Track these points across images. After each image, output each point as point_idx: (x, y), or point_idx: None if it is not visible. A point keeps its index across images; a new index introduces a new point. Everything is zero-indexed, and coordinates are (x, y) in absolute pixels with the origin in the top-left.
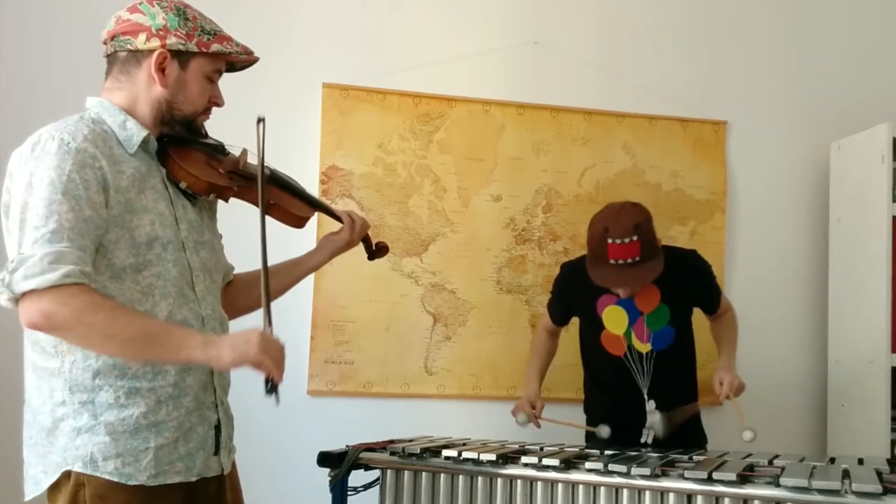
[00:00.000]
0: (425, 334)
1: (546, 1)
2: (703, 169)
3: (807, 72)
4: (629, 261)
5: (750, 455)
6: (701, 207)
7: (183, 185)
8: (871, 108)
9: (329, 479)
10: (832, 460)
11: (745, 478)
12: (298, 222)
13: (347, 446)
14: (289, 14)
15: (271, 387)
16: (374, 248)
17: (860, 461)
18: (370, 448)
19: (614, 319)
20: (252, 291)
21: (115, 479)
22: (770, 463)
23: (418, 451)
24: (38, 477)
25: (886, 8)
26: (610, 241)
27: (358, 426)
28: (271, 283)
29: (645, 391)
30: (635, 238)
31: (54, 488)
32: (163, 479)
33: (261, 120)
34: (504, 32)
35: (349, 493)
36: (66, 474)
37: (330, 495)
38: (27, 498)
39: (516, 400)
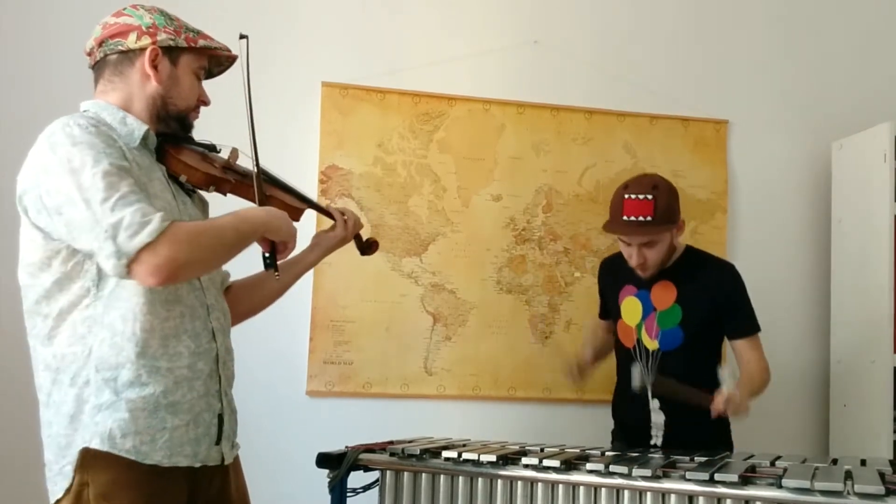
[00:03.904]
0: (425, 334)
1: (546, 1)
2: (704, 168)
3: (808, 71)
4: (640, 219)
5: (752, 456)
6: (702, 207)
7: (183, 178)
8: (872, 107)
9: (328, 480)
10: (834, 461)
11: (746, 479)
12: (295, 214)
13: (347, 447)
14: (288, 14)
15: (273, 261)
16: (364, 243)
17: (863, 462)
18: (369, 449)
19: (630, 310)
20: (251, 296)
21: (132, 458)
22: (772, 464)
23: (418, 453)
24: (65, 470)
25: (887, 8)
26: (626, 196)
27: (357, 427)
28: (270, 283)
29: (649, 389)
30: (650, 197)
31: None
32: (175, 461)
33: (243, 37)
34: (504, 32)
35: (348, 494)
36: (80, 459)
37: (329, 496)
38: (55, 498)
39: (516, 400)
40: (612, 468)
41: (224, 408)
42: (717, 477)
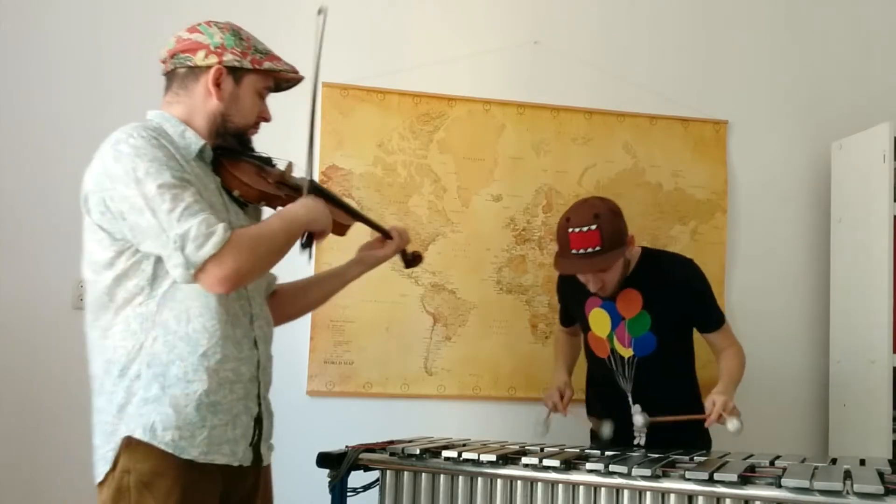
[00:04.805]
0: (425, 334)
1: (546, 1)
2: (704, 168)
3: (808, 71)
4: (590, 250)
5: (751, 456)
6: (702, 207)
7: (236, 193)
8: (872, 107)
9: (328, 479)
10: (834, 461)
11: (746, 479)
12: (340, 230)
13: (347, 447)
14: (288, 14)
15: (310, 243)
16: (410, 257)
17: (862, 462)
18: (370, 449)
19: (599, 322)
20: (295, 301)
21: (170, 451)
22: (771, 464)
23: (418, 452)
24: (107, 455)
25: (887, 8)
26: (570, 230)
27: (357, 427)
28: (315, 292)
29: (629, 395)
30: (594, 227)
31: (108, 475)
32: (212, 458)
33: (321, 10)
34: (504, 32)
35: (349, 493)
36: (121, 448)
37: (329, 496)
38: (97, 480)
39: (516, 400)
40: (612, 468)
41: (262, 411)
42: (717, 476)
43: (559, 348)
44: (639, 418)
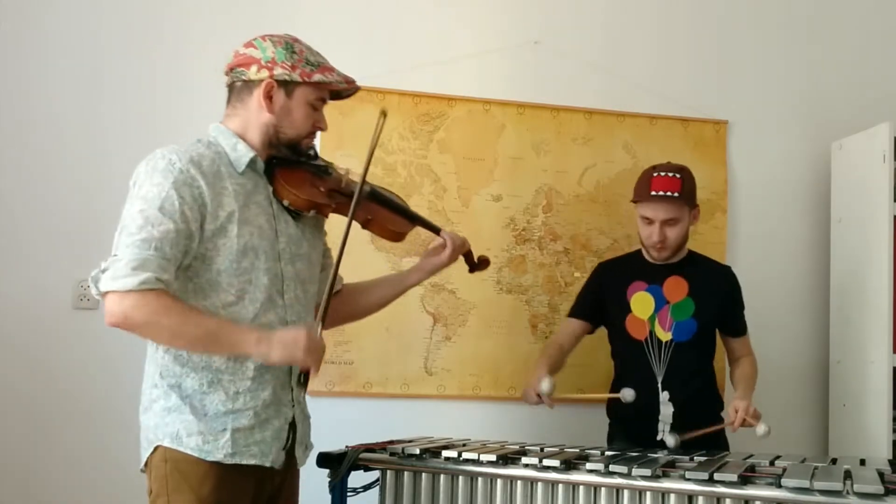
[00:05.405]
0: (425, 334)
1: (547, 1)
2: (704, 169)
3: (808, 71)
4: (669, 193)
5: (751, 456)
6: (702, 207)
7: (285, 202)
8: (872, 107)
9: (328, 479)
10: (834, 461)
11: (746, 479)
12: (395, 237)
13: (347, 447)
14: (288, 14)
15: (304, 380)
16: (475, 261)
17: (862, 462)
18: (370, 449)
19: (641, 304)
20: (358, 301)
21: (196, 455)
22: (771, 463)
23: (418, 452)
24: (141, 453)
25: (887, 8)
26: (655, 174)
27: (357, 427)
28: (374, 295)
29: (659, 380)
30: (678, 176)
31: (148, 461)
32: (238, 459)
33: (384, 113)
34: (504, 32)
35: (349, 493)
36: (157, 449)
37: (329, 496)
38: (140, 469)
39: (516, 400)
40: (612, 468)
41: (297, 415)
42: (717, 476)
43: (546, 353)
44: (670, 439)
